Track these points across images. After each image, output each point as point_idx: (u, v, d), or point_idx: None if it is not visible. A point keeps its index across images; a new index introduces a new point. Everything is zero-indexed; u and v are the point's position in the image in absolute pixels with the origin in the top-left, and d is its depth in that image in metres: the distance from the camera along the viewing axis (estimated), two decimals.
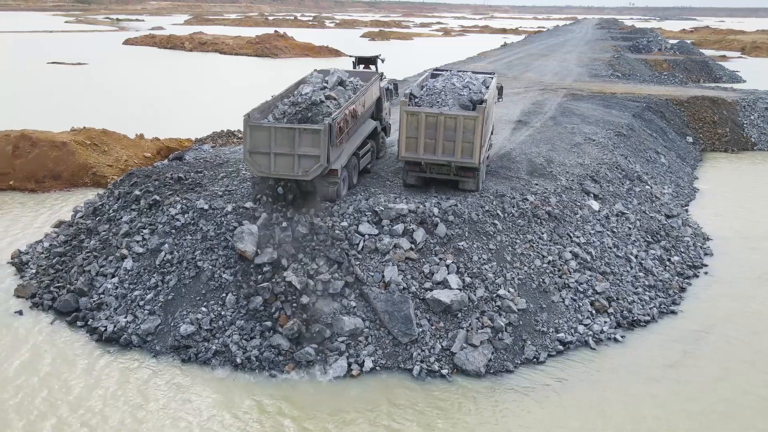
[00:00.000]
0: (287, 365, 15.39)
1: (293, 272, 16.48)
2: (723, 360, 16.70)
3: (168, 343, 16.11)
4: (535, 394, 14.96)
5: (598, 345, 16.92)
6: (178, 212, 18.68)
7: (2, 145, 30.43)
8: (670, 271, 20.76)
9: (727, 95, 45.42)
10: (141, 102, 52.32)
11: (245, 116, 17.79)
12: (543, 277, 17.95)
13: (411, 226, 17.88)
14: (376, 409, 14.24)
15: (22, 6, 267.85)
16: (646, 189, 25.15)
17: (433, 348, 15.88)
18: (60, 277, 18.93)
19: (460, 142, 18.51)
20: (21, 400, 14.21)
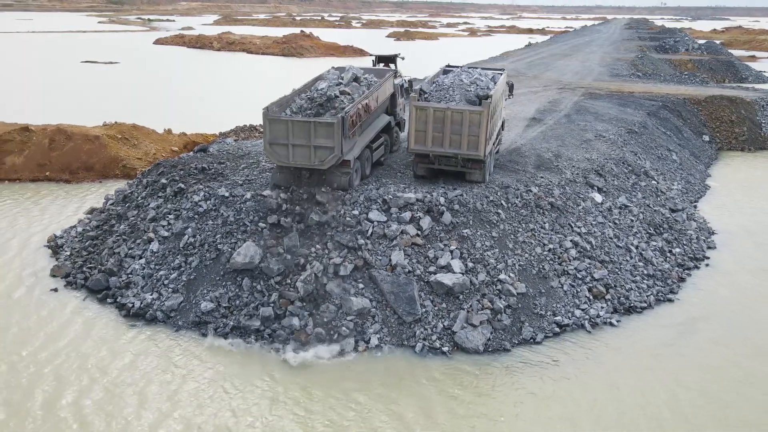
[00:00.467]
0: (302, 334, 16.50)
1: (302, 282, 17.36)
2: (715, 344, 17.45)
3: (189, 319, 17.39)
4: (530, 371, 15.91)
5: (593, 328, 17.80)
6: (201, 199, 20.00)
7: (39, 139, 32.19)
8: (670, 261, 21.51)
9: (747, 95, 45.59)
10: (169, 99, 54.19)
11: (264, 110, 19.04)
12: (543, 264, 18.88)
13: (418, 214, 18.95)
14: (378, 382, 15.32)
15: (57, 6, 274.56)
16: (652, 184, 25.85)
17: (435, 327, 16.93)
18: (92, 259, 20.39)
19: (466, 136, 19.51)
20: (56, 365, 15.58)
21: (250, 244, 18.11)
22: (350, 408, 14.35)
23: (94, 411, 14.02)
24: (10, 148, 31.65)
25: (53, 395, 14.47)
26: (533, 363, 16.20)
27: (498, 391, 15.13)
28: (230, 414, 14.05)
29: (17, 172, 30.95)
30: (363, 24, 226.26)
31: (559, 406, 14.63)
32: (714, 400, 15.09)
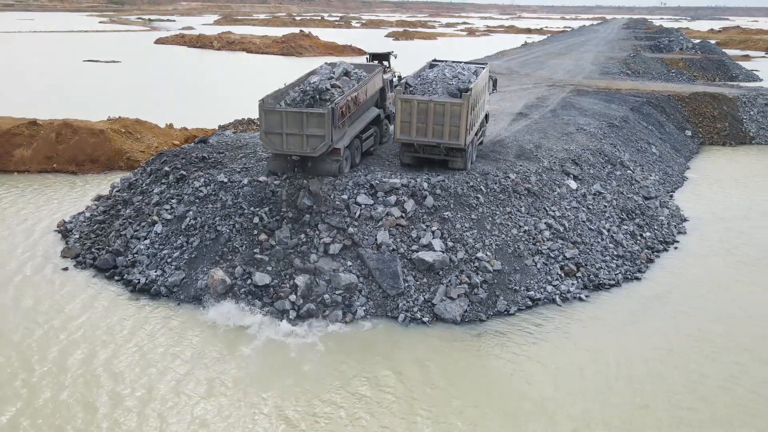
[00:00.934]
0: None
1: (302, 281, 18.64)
2: (678, 313, 18.93)
3: (190, 294, 18.87)
4: (503, 339, 17.38)
5: (564, 302, 19.28)
6: (202, 185, 21.50)
7: (47, 132, 33.68)
8: (640, 244, 23.00)
9: (729, 92, 47.08)
10: (170, 95, 55.71)
11: (260, 101, 20.51)
12: (518, 244, 20.37)
13: (403, 197, 20.44)
14: (362, 349, 16.80)
15: (58, 6, 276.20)
16: (627, 173, 27.33)
17: (416, 300, 18.41)
18: (100, 241, 21.88)
19: (448, 126, 20.98)
20: (67, 331, 17.06)
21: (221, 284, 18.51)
22: (335, 371, 15.81)
23: (101, 366, 15.48)
24: (18, 141, 33.13)
25: (64, 355, 15.93)
26: (506, 331, 17.67)
27: (472, 356, 16.59)
28: (223, 374, 15.54)
29: (26, 164, 32.44)
30: (363, 24, 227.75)
31: (531, 365, 16.09)
32: (677, 358, 16.53)
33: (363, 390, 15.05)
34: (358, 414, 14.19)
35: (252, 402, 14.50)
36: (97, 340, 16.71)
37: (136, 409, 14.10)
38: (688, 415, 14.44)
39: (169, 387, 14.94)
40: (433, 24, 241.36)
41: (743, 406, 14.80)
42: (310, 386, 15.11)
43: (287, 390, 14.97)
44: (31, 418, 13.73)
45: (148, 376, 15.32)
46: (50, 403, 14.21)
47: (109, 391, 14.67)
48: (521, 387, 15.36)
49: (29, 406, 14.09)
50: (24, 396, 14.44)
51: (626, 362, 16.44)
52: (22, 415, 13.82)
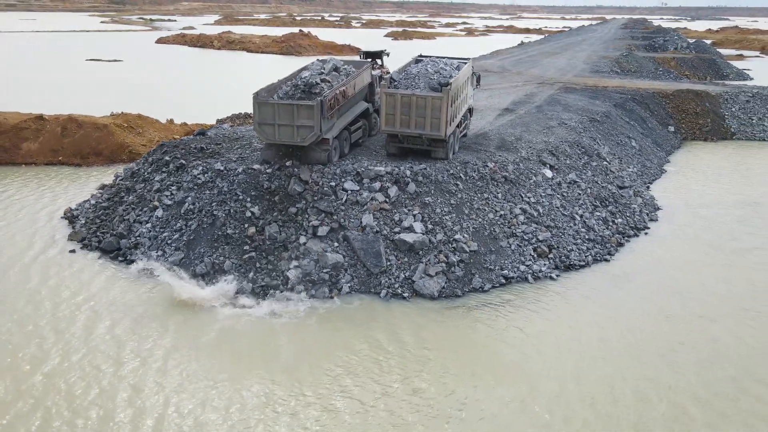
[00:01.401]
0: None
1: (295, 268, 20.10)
2: (642, 289, 20.48)
3: (189, 272, 20.37)
4: (478, 311, 18.87)
5: (536, 281, 20.78)
6: (200, 173, 23.01)
7: (53, 127, 35.21)
8: (611, 229, 24.49)
9: (713, 89, 48.57)
10: (171, 93, 57.27)
11: (254, 94, 22.04)
12: (494, 227, 21.87)
13: (387, 184, 21.94)
14: (349, 319, 18.31)
15: (59, 7, 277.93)
16: (603, 164, 28.82)
17: (397, 277, 19.92)
18: (104, 225, 23.41)
19: (429, 118, 22.49)
20: (73, 304, 18.57)
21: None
22: (319, 339, 17.32)
23: (103, 335, 16.99)
24: (26, 135, 34.66)
25: (70, 325, 17.44)
26: (480, 305, 19.17)
27: (447, 326, 18.09)
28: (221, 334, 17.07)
29: (33, 156, 33.97)
30: (363, 24, 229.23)
31: (505, 333, 17.60)
32: (636, 324, 18.06)
33: (357, 351, 16.63)
34: (354, 368, 15.73)
35: (259, 362, 16.03)
36: (102, 312, 18.23)
37: (136, 370, 15.62)
38: (633, 358, 15.95)
39: (166, 349, 16.46)
40: (433, 24, 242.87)
41: (693, 360, 16.28)
42: (307, 351, 16.62)
43: (285, 354, 16.49)
44: (45, 378, 15.24)
45: (145, 340, 16.84)
46: (62, 365, 15.72)
47: (112, 355, 16.18)
48: (497, 351, 16.89)
49: (40, 370, 15.61)
50: (38, 358, 15.95)
51: (592, 329, 18.01)
52: (33, 374, 15.35)
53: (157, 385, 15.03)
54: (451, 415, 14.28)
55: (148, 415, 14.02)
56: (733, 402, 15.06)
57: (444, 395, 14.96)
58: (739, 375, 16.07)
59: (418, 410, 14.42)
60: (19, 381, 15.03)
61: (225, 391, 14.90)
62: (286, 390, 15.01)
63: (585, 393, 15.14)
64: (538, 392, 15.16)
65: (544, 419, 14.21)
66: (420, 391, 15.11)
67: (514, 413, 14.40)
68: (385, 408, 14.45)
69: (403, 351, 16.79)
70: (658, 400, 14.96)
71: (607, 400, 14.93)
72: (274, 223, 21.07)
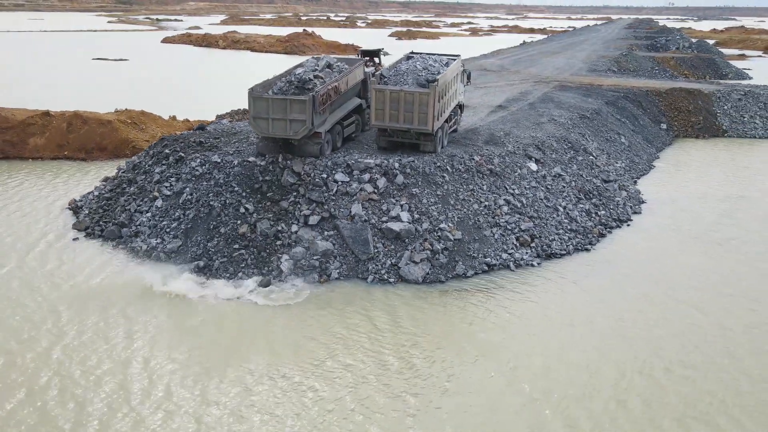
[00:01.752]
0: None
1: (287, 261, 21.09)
2: (620, 275, 21.43)
3: (186, 259, 21.40)
4: (460, 294, 19.83)
5: (517, 268, 21.71)
6: (198, 165, 24.04)
7: (59, 123, 36.35)
8: (594, 221, 25.39)
9: (706, 87, 49.32)
10: (175, 90, 58.44)
11: (249, 90, 23.08)
12: (478, 217, 22.81)
13: (376, 175, 22.91)
14: (337, 302, 19.30)
15: (67, 6, 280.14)
16: (589, 159, 29.70)
17: (384, 264, 20.89)
18: (107, 215, 24.47)
19: (417, 113, 23.45)
20: (76, 287, 19.64)
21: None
22: (312, 319, 18.31)
23: (96, 316, 18.03)
24: (32, 130, 35.81)
25: (78, 305, 18.50)
26: (462, 290, 20.12)
27: (430, 310, 19.04)
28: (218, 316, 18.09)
29: (39, 151, 35.11)
30: (368, 24, 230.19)
31: (486, 314, 18.55)
32: (620, 309, 19.02)
33: (340, 330, 17.66)
34: (336, 348, 16.72)
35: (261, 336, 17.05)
36: (101, 294, 19.28)
37: (142, 340, 16.66)
38: (614, 332, 16.87)
39: (172, 324, 17.49)
40: (438, 24, 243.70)
41: (667, 337, 17.19)
42: (299, 331, 17.62)
43: (281, 332, 17.51)
44: (58, 349, 16.29)
45: (140, 321, 17.89)
46: (56, 344, 16.77)
47: (102, 335, 17.24)
48: (482, 330, 17.84)
49: (49, 341, 16.67)
50: (33, 336, 17.01)
51: (572, 310, 19.02)
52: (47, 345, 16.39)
53: (167, 360, 16.05)
54: (439, 386, 15.24)
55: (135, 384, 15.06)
56: (702, 374, 16.00)
57: (433, 369, 15.94)
58: (709, 351, 16.97)
59: (407, 381, 15.41)
60: (14, 354, 16.09)
61: (226, 366, 15.89)
62: (287, 363, 16.00)
63: (566, 368, 16.05)
64: (522, 367, 16.11)
65: (525, 391, 15.12)
66: (410, 365, 16.10)
67: (498, 385, 15.33)
68: (377, 380, 15.42)
69: (393, 330, 17.75)
70: (635, 374, 15.87)
71: (587, 374, 15.83)
72: (266, 219, 21.95)
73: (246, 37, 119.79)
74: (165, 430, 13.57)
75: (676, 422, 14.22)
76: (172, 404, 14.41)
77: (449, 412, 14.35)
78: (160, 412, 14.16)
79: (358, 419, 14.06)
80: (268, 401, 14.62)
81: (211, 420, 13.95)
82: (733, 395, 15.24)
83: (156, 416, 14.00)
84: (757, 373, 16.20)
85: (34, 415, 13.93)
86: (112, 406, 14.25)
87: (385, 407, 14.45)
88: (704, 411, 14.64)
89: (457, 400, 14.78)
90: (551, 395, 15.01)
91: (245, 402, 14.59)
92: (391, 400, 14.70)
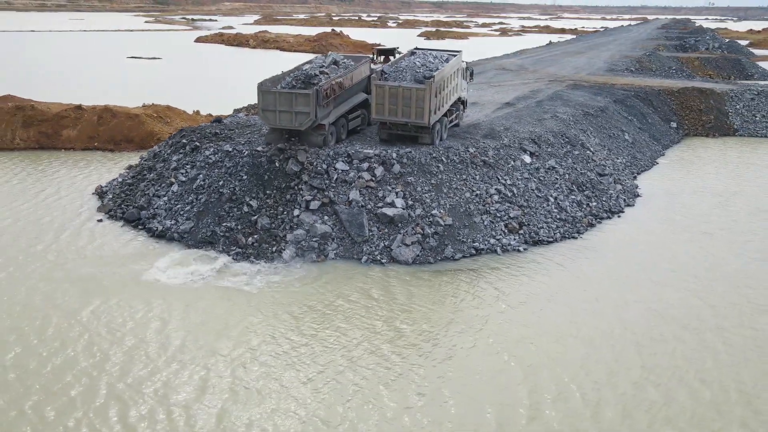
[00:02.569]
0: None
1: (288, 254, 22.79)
2: (600, 258, 22.72)
3: (197, 239, 23.32)
4: (445, 276, 21.33)
5: (504, 253, 23.12)
6: (211, 153, 25.97)
7: (90, 116, 38.80)
8: (584, 211, 26.61)
9: (720, 87, 49.79)
10: (202, 86, 60.94)
11: (259, 84, 24.92)
12: (469, 205, 24.26)
13: (374, 164, 24.53)
14: (331, 279, 20.98)
15: (107, 7, 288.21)
16: (586, 153, 30.85)
17: (378, 246, 22.50)
18: (128, 199, 26.57)
19: (414, 108, 24.99)
20: (100, 262, 21.68)
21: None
22: (313, 290, 20.02)
23: (126, 300, 20.01)
24: (66, 123, 38.31)
25: (97, 282, 20.52)
26: (449, 271, 21.61)
27: (419, 287, 20.58)
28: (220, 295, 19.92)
29: (71, 142, 37.59)
30: (398, 24, 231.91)
31: (473, 290, 20.03)
32: (600, 288, 20.31)
33: (339, 303, 19.36)
34: (336, 317, 18.41)
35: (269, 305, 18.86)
36: (121, 271, 21.29)
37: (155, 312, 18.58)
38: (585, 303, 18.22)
39: (176, 295, 19.40)
40: (469, 24, 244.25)
41: (640, 316, 18.47)
42: (301, 301, 19.37)
43: (282, 303, 19.29)
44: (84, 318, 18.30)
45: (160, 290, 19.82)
46: (80, 312, 18.78)
47: (137, 295, 19.21)
48: (469, 305, 19.31)
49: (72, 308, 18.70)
50: (56, 303, 19.05)
51: (555, 289, 20.42)
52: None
53: (182, 321, 17.94)
54: (422, 349, 16.85)
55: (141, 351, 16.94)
56: (668, 346, 17.30)
57: (419, 335, 17.55)
58: (675, 327, 18.19)
59: (391, 341, 17.04)
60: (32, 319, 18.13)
61: (237, 334, 17.70)
62: (285, 328, 17.76)
63: (544, 342, 17.39)
64: (504, 338, 17.56)
65: (503, 360, 16.54)
66: (399, 331, 17.75)
67: (480, 354, 16.77)
68: (368, 345, 17.09)
69: (385, 302, 19.35)
70: (605, 347, 17.19)
71: (562, 347, 17.17)
72: (266, 216, 23.47)
73: (276, 36, 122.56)
74: (178, 378, 15.39)
75: (633, 385, 15.50)
76: (186, 357, 16.25)
77: (428, 374, 15.86)
78: (175, 363, 16.01)
79: (349, 376, 15.68)
80: (268, 357, 16.35)
81: (218, 370, 15.74)
82: (691, 365, 16.44)
83: (171, 367, 15.83)
84: (718, 347, 17.38)
85: (66, 364, 15.88)
86: (133, 356, 16.16)
87: (375, 366, 16.03)
88: (662, 376, 15.88)
89: (434, 361, 16.32)
90: (527, 362, 16.37)
91: (250, 355, 16.41)
92: (378, 358, 16.33)
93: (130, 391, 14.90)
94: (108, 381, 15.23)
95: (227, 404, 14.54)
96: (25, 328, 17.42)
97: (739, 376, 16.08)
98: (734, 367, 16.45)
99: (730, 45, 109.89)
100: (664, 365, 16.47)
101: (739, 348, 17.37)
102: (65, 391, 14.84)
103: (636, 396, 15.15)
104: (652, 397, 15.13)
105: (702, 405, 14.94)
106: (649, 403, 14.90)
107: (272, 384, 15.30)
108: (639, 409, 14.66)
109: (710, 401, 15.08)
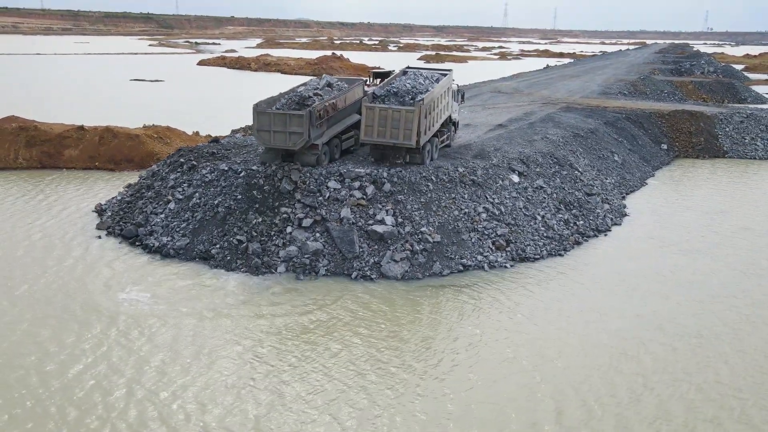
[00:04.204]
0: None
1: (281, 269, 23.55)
2: (586, 273, 23.37)
3: (192, 255, 23.97)
4: (435, 289, 21.92)
5: (491, 269, 23.74)
6: (207, 172, 26.74)
7: (91, 136, 39.68)
8: (571, 229, 27.27)
9: (709, 110, 50.73)
10: (203, 108, 62.01)
11: (254, 105, 25.77)
12: (458, 223, 24.94)
13: (365, 183, 25.27)
14: (321, 295, 21.59)
15: (112, 31, 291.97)
16: (574, 174, 31.57)
17: (368, 262, 23.13)
18: (126, 216, 27.28)
19: (403, 129, 25.77)
20: (98, 276, 22.31)
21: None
22: (303, 305, 20.62)
23: (122, 305, 20.63)
24: (68, 143, 39.16)
25: (96, 290, 21.15)
26: (436, 286, 22.23)
27: (412, 298, 21.17)
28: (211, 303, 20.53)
29: (73, 162, 38.41)
30: (399, 48, 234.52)
31: (457, 304, 20.62)
32: (582, 299, 20.90)
33: (323, 316, 19.92)
34: (321, 331, 19.00)
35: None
36: (121, 280, 21.94)
37: (154, 327, 19.18)
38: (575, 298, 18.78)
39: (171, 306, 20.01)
40: (469, 48, 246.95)
41: (613, 325, 19.04)
42: (294, 312, 19.98)
43: (280, 310, 19.90)
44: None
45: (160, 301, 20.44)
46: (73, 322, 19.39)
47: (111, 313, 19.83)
48: (456, 316, 19.92)
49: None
50: (48, 313, 19.66)
51: (532, 304, 20.97)
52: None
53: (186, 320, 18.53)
54: (417, 352, 17.58)
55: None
56: (637, 348, 17.91)
57: (413, 341, 18.37)
58: (645, 334, 18.76)
59: (387, 348, 17.62)
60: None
61: (239, 332, 18.29)
62: (272, 343, 18.34)
63: (533, 347, 18.13)
64: (489, 337, 18.41)
65: (491, 362, 17.22)
66: (395, 334, 18.62)
67: (469, 357, 17.55)
68: (366, 351, 17.81)
69: (380, 313, 19.97)
70: (582, 355, 17.84)
71: (538, 354, 17.77)
72: (257, 240, 24.04)
73: (277, 59, 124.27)
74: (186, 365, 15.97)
75: (601, 380, 16.07)
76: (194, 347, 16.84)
77: (406, 379, 16.43)
78: (179, 367, 16.60)
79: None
80: (270, 354, 16.99)
81: (224, 358, 16.35)
82: (658, 364, 17.00)
83: (176, 366, 16.43)
84: (680, 346, 18.16)
85: (70, 356, 16.47)
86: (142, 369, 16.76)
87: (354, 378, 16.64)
88: (629, 373, 16.44)
89: (427, 363, 16.93)
90: (514, 365, 17.14)
91: (253, 352, 17.25)
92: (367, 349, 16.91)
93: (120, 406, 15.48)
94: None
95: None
96: (24, 335, 18.03)
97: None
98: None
99: (725, 69, 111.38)
100: (632, 369, 17.03)
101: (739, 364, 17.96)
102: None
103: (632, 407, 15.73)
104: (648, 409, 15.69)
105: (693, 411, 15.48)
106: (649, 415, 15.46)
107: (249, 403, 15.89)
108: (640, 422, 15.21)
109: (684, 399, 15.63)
